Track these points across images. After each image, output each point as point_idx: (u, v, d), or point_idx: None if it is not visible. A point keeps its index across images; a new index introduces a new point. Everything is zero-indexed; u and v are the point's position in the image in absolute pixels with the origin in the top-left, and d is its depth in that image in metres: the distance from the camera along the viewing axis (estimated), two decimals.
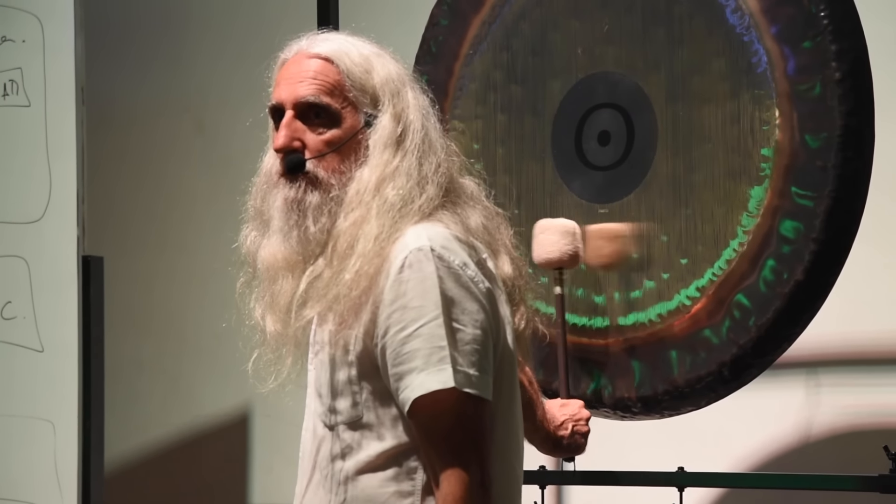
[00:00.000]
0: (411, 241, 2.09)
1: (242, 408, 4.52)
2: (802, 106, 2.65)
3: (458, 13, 3.08)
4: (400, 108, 2.19)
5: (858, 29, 2.67)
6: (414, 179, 2.15)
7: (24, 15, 3.63)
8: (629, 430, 3.18)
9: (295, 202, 2.17)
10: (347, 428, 2.13)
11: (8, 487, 3.56)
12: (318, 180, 2.17)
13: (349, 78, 2.19)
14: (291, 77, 2.20)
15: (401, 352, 2.06)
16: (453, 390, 2.04)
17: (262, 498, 4.48)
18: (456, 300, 2.07)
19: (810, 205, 2.63)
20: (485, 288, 2.10)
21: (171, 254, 4.65)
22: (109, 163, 4.61)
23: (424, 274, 2.06)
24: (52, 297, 3.56)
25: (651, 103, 2.82)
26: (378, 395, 2.11)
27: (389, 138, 2.17)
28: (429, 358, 2.04)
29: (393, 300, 2.07)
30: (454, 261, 2.08)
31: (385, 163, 2.15)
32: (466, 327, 2.07)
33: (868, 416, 3.56)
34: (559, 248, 2.79)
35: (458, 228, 2.14)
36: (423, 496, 2.09)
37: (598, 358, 2.82)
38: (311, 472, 2.18)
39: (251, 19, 4.56)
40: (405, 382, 2.06)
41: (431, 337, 2.05)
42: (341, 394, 2.13)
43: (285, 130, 2.18)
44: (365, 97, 2.19)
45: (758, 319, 2.66)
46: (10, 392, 3.59)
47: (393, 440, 2.11)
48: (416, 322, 2.05)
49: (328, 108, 2.18)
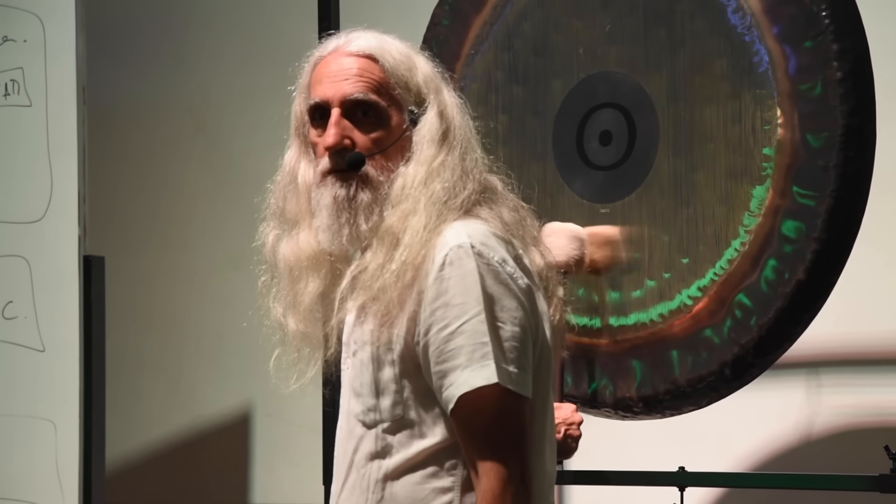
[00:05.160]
0: (451, 238, 2.09)
1: (243, 407, 4.52)
2: (804, 105, 2.65)
3: (460, 13, 3.08)
4: (443, 105, 2.20)
5: (860, 28, 2.67)
6: (458, 174, 2.15)
7: (25, 15, 3.63)
8: (630, 429, 3.18)
9: (347, 200, 2.16)
10: (388, 427, 2.12)
11: (9, 487, 3.57)
12: (370, 179, 2.16)
13: (393, 76, 2.18)
14: (334, 75, 2.18)
15: (444, 349, 2.05)
16: (496, 386, 2.03)
17: (262, 497, 4.49)
18: (496, 297, 2.07)
19: (812, 204, 2.63)
20: (524, 284, 2.11)
21: (172, 253, 4.66)
22: (110, 162, 4.61)
23: (465, 271, 2.06)
24: (53, 297, 3.56)
25: (653, 103, 2.83)
26: (420, 394, 2.10)
27: (436, 134, 2.16)
28: (472, 354, 2.04)
29: (435, 298, 2.06)
30: (494, 257, 2.08)
31: (431, 158, 2.15)
32: (506, 325, 2.07)
33: (869, 416, 3.56)
34: (566, 252, 2.79)
35: (496, 224, 2.14)
36: (463, 492, 2.09)
37: (599, 358, 2.82)
38: (348, 473, 2.17)
39: (252, 19, 4.57)
40: (449, 380, 2.05)
41: (474, 333, 2.04)
42: (383, 393, 2.12)
43: (335, 129, 2.16)
44: (409, 94, 2.19)
45: (759, 319, 2.66)
46: (11, 392, 3.59)
47: (434, 438, 2.10)
48: (459, 319, 2.05)
49: (376, 105, 2.16)
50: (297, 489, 4.34)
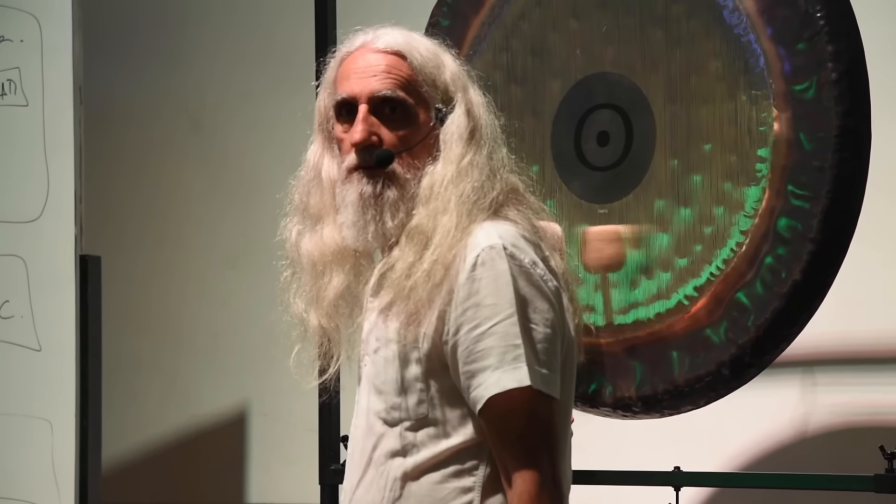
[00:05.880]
0: (482, 239, 2.08)
1: (239, 407, 4.52)
2: (799, 106, 2.65)
3: (458, 14, 3.08)
4: (471, 103, 2.19)
5: (854, 29, 2.67)
6: (486, 174, 2.15)
7: (21, 15, 3.63)
8: (625, 429, 3.18)
9: (373, 197, 2.15)
10: (411, 425, 2.12)
11: (5, 486, 3.57)
12: (396, 176, 2.16)
13: (421, 73, 2.17)
14: (362, 71, 2.17)
15: (474, 349, 2.05)
16: (528, 389, 2.03)
17: (258, 497, 4.48)
18: (528, 299, 2.07)
19: (807, 205, 2.64)
20: (553, 286, 2.11)
21: (169, 253, 4.66)
22: (107, 162, 4.61)
23: (498, 272, 2.06)
24: (49, 297, 3.56)
25: (650, 104, 2.83)
26: (445, 393, 2.10)
27: (463, 133, 2.16)
28: (503, 356, 2.04)
29: (466, 298, 2.06)
30: (525, 259, 2.08)
31: (460, 156, 2.15)
32: (538, 326, 2.07)
33: (864, 416, 3.56)
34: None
35: (526, 226, 2.13)
36: (483, 493, 2.09)
37: (599, 358, 2.82)
38: (365, 470, 2.16)
39: (248, 19, 4.57)
40: (478, 380, 2.05)
41: (506, 335, 2.04)
42: (407, 391, 2.12)
43: (362, 125, 2.15)
44: (436, 92, 2.18)
45: (756, 319, 2.66)
46: (7, 391, 3.59)
47: (457, 438, 2.10)
48: (491, 320, 2.05)
49: (404, 102, 2.16)
50: (293, 488, 4.34)
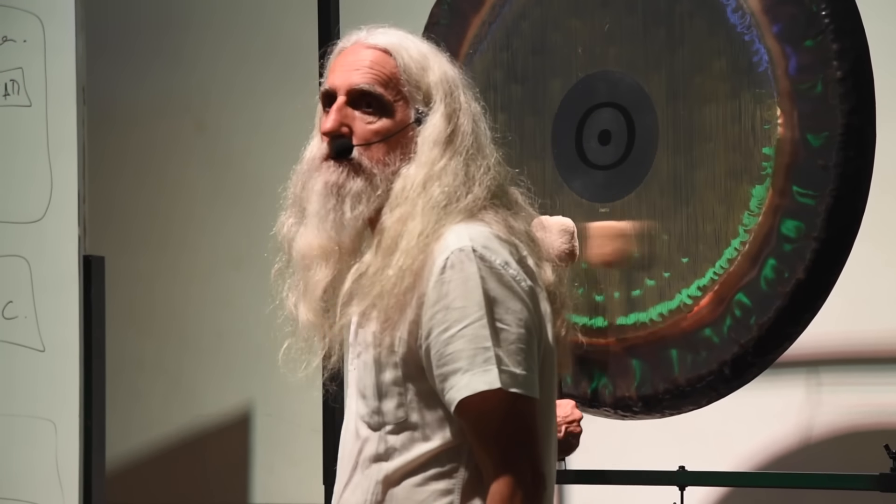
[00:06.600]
0: (453, 241, 2.08)
1: (243, 407, 4.52)
2: (804, 105, 2.65)
3: (458, 13, 3.08)
4: (452, 108, 2.19)
5: (860, 27, 2.67)
6: (460, 179, 2.14)
7: (25, 15, 3.63)
8: (630, 429, 3.18)
9: (335, 186, 2.17)
10: (392, 429, 2.13)
11: (9, 487, 3.56)
12: (362, 168, 2.17)
13: (405, 72, 2.18)
14: (347, 65, 2.19)
15: (444, 353, 2.05)
16: (499, 391, 2.04)
17: (262, 497, 4.48)
18: (499, 300, 2.06)
19: (811, 203, 2.63)
20: (527, 286, 2.10)
21: (172, 253, 4.66)
22: (110, 162, 4.61)
23: (467, 274, 2.06)
24: (53, 297, 3.56)
25: (652, 102, 2.82)
26: (423, 397, 2.11)
27: (439, 137, 2.16)
28: (473, 359, 2.04)
29: (436, 301, 2.06)
30: (496, 260, 2.08)
31: (433, 161, 2.15)
32: (511, 326, 2.07)
33: (869, 416, 3.55)
34: (556, 246, 2.78)
35: (500, 227, 2.13)
36: (463, 494, 2.10)
37: (599, 357, 2.82)
38: (352, 473, 2.17)
39: (252, 19, 4.57)
40: (450, 383, 2.05)
41: (475, 338, 2.04)
42: (386, 395, 2.12)
43: (335, 115, 2.18)
44: (418, 93, 2.19)
45: (759, 318, 2.66)
46: (11, 392, 3.59)
47: (436, 441, 2.10)
48: (460, 323, 2.05)
49: (380, 97, 2.17)
50: (297, 489, 4.34)
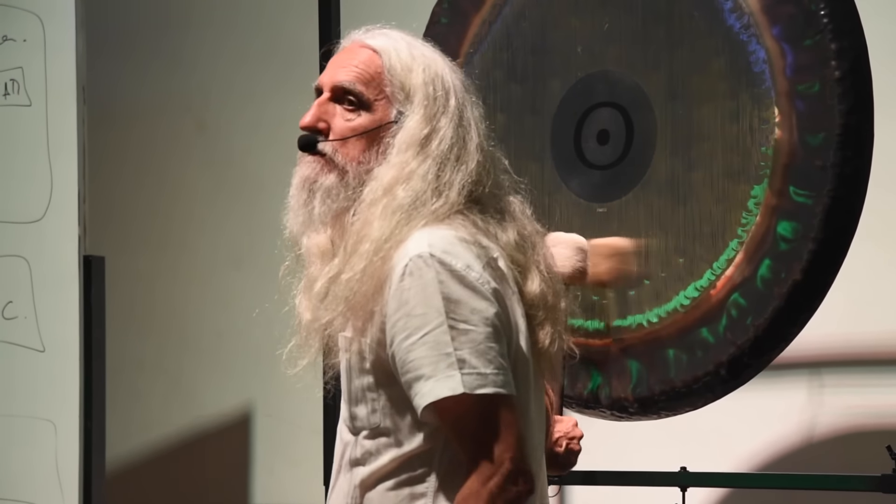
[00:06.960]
0: (412, 247, 2.07)
1: (244, 408, 4.52)
2: (802, 105, 2.65)
3: (459, 12, 3.08)
4: (433, 111, 2.17)
5: (858, 27, 2.67)
6: (429, 184, 2.12)
7: (25, 14, 3.63)
8: (631, 430, 3.17)
9: (308, 181, 2.18)
10: (368, 434, 2.13)
11: (9, 487, 3.57)
12: (335, 164, 2.17)
13: (390, 72, 2.18)
14: (337, 63, 2.22)
15: (407, 360, 2.05)
16: (464, 395, 2.03)
17: (263, 498, 4.49)
18: (462, 300, 2.05)
19: (809, 203, 2.62)
20: (492, 288, 2.09)
21: (173, 253, 4.66)
22: (110, 162, 4.61)
23: (425, 281, 2.05)
24: (53, 297, 3.56)
25: (650, 102, 2.82)
26: (395, 403, 2.10)
27: (412, 139, 2.15)
28: (436, 365, 2.03)
29: (396, 309, 2.06)
30: (456, 264, 2.07)
31: (403, 163, 2.14)
32: (478, 326, 2.05)
33: (871, 417, 3.55)
34: (571, 263, 2.75)
35: (466, 232, 2.11)
36: (435, 499, 2.09)
37: (596, 358, 2.81)
38: (337, 476, 2.19)
39: (252, 19, 4.57)
40: (415, 390, 2.05)
41: (437, 344, 2.04)
42: (361, 401, 2.13)
43: (315, 110, 2.20)
44: (401, 94, 2.18)
45: (755, 319, 2.65)
46: (11, 392, 3.59)
47: (409, 446, 2.10)
48: (421, 330, 2.04)
49: (360, 95, 2.18)
50: (297, 489, 4.34)
